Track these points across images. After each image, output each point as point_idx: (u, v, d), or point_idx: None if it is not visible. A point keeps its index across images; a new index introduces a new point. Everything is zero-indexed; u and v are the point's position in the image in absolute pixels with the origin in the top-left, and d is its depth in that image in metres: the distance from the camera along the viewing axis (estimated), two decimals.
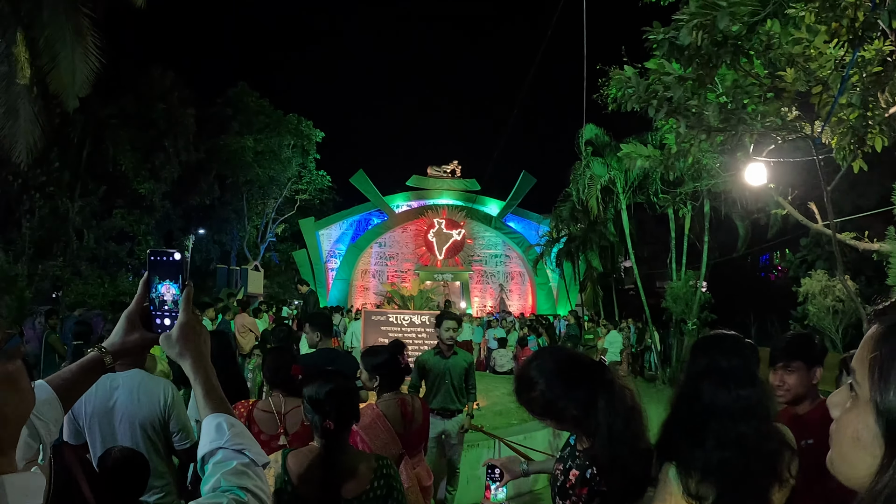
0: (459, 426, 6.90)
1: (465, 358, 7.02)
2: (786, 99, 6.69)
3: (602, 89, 14.46)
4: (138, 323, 1.59)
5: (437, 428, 6.70)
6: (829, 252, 20.89)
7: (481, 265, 35.96)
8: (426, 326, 11.39)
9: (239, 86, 34.85)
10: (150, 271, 1.60)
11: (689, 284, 18.36)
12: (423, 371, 6.82)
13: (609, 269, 27.73)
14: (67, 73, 14.56)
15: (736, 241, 22.88)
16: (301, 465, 2.68)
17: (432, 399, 6.71)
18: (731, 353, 2.41)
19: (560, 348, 2.61)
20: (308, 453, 2.75)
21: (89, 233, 21.14)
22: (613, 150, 19.93)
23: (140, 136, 25.50)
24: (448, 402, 6.76)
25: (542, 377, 2.39)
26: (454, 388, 6.79)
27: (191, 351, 1.52)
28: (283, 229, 38.82)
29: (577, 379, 2.40)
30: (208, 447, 1.39)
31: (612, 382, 2.41)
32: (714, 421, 2.26)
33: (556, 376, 2.39)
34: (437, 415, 6.69)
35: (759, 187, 10.56)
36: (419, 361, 6.91)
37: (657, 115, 7.05)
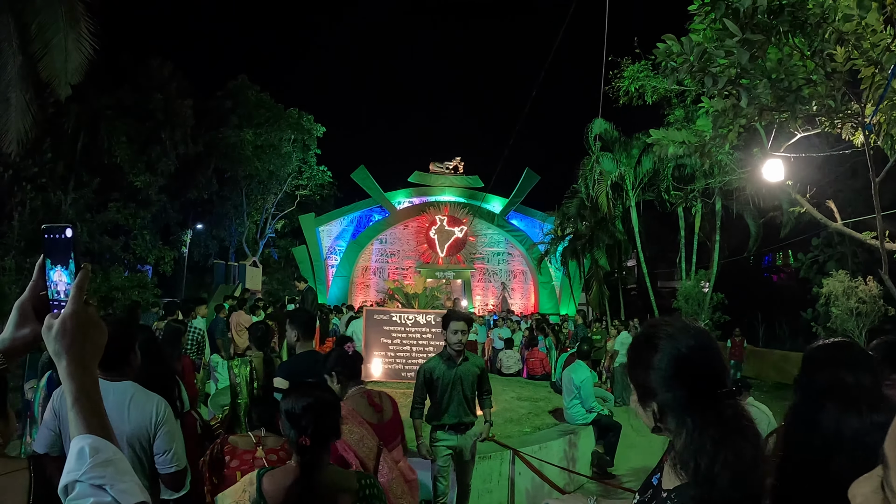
0: (474, 440, 6.22)
1: (477, 363, 6.31)
2: (836, 80, 6.07)
3: (614, 82, 14.12)
4: (31, 315, 1.38)
5: (449, 443, 6.06)
6: (840, 252, 20.52)
7: (483, 263, 35.61)
8: (432, 326, 10.81)
9: (239, 79, 34.46)
10: (44, 253, 1.35)
11: (701, 284, 17.81)
12: (429, 381, 6.08)
13: (616, 268, 27.27)
14: (60, 59, 14.20)
15: (743, 240, 22.45)
16: (277, 486, 2.54)
17: (443, 413, 6.03)
18: (857, 366, 1.83)
19: (667, 320, 1.83)
20: (285, 473, 2.60)
21: (83, 226, 20.63)
22: (623, 146, 19.48)
23: (136, 127, 25.02)
24: (462, 415, 6.03)
25: (664, 348, 1.71)
26: (466, 398, 6.06)
27: (70, 352, 1.28)
28: (283, 225, 38.56)
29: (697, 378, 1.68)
30: (65, 479, 1.18)
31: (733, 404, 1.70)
32: (841, 456, 1.70)
33: (677, 355, 1.69)
34: (450, 430, 6.04)
35: (777, 184, 10.17)
36: (424, 370, 6.11)
37: (713, 88, 6.30)
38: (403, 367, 10.81)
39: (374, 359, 10.91)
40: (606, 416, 9.38)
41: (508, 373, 15.10)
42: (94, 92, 22.52)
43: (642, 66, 13.38)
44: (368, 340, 10.87)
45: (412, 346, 10.84)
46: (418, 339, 10.83)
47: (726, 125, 7.04)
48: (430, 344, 10.72)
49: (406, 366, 10.79)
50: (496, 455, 7.29)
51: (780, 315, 26.11)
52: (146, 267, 27.68)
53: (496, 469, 7.28)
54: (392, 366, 10.86)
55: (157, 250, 26.19)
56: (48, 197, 18.73)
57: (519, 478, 7.46)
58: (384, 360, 10.89)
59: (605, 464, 9.16)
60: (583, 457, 9.00)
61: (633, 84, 13.65)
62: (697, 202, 17.91)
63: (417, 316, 10.92)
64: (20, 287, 14.19)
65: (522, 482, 7.51)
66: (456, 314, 6.21)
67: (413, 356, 10.76)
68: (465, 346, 6.11)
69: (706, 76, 6.19)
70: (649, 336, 1.78)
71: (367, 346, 10.87)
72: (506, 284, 35.58)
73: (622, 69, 13.72)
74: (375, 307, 16.02)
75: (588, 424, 9.17)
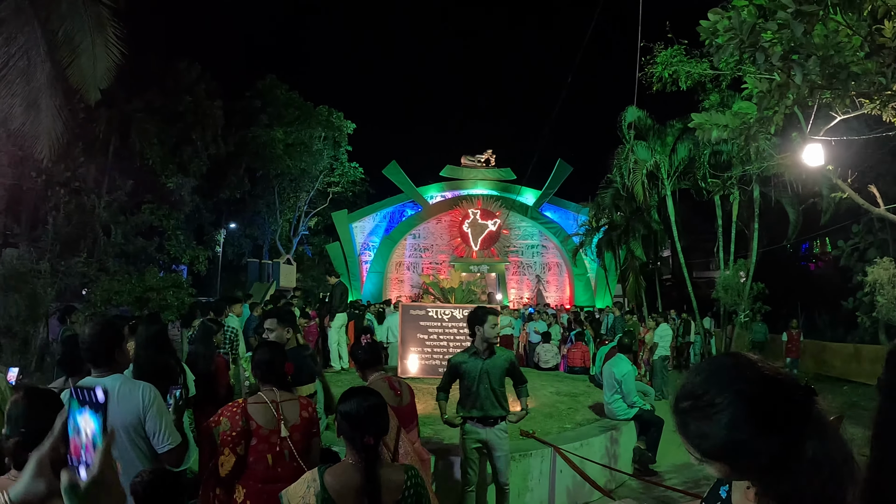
0: (506, 436, 6.09)
1: (506, 356, 6.20)
2: (885, 56, 5.76)
3: (647, 68, 13.82)
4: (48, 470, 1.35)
5: (477, 437, 5.99)
6: (881, 239, 20.07)
7: (517, 256, 35.35)
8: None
9: (268, 78, 34.52)
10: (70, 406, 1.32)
11: (740, 274, 17.40)
12: (456, 374, 6.09)
13: (652, 258, 26.88)
14: (88, 64, 14.32)
15: (780, 228, 21.97)
16: (340, 481, 2.78)
17: (470, 406, 5.97)
18: None
19: (747, 359, 1.61)
20: (344, 469, 2.84)
21: (117, 228, 20.70)
22: (657, 134, 19.09)
23: (167, 129, 25.20)
24: (489, 409, 5.95)
25: (726, 400, 1.52)
26: (494, 391, 5.98)
27: None
28: (316, 222, 38.63)
29: (779, 412, 1.51)
30: None
31: (823, 420, 1.52)
32: None
33: (748, 406, 1.51)
34: (477, 422, 5.98)
35: (817, 169, 9.96)
36: (452, 363, 6.15)
37: (763, 65, 6.00)
38: (440, 362, 10.63)
39: (411, 354, 10.77)
40: (648, 410, 9.14)
41: (546, 367, 14.87)
42: (124, 96, 22.67)
43: (675, 51, 13.07)
44: (405, 336, 10.74)
45: (449, 342, 10.68)
46: (455, 334, 10.66)
47: (771, 107, 6.76)
48: (466, 339, 10.49)
49: (443, 361, 10.55)
50: (537, 453, 7.11)
51: (819, 305, 25.59)
52: (181, 267, 27.81)
53: (536, 467, 7.10)
54: (429, 361, 10.71)
55: (192, 250, 26.32)
56: (82, 201, 18.80)
57: (560, 476, 7.27)
58: (420, 356, 10.75)
59: (646, 460, 8.93)
60: (625, 453, 8.76)
61: (667, 70, 13.33)
62: (735, 190, 17.49)
63: (454, 311, 10.76)
64: (55, 290, 14.31)
65: (563, 480, 7.31)
66: (490, 309, 6.22)
67: (450, 352, 10.58)
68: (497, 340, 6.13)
69: (757, 51, 5.86)
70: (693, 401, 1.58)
71: (404, 342, 10.74)
72: (540, 277, 35.31)
73: (655, 55, 13.40)
74: (411, 302, 15.83)
75: (630, 420, 8.93)
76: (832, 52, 5.75)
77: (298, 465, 3.83)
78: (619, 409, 8.91)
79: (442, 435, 7.60)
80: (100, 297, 15.67)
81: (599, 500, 7.67)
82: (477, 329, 6.02)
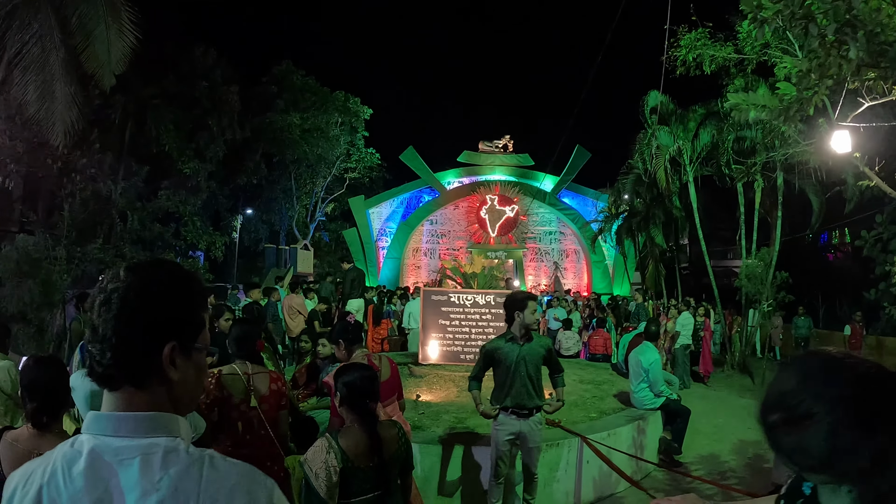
0: (540, 427, 5.88)
1: (543, 343, 5.97)
2: None
3: (671, 51, 13.54)
4: None
5: (511, 429, 5.75)
6: None
7: (535, 242, 35.20)
8: (491, 307, 10.43)
9: (284, 64, 34.37)
10: None
11: (765, 263, 17.05)
12: (491, 361, 5.83)
13: (673, 246, 26.58)
14: (102, 50, 14.22)
15: (801, 217, 21.65)
16: (352, 442, 3.29)
17: (505, 395, 5.72)
18: None
19: (835, 357, 1.42)
20: (352, 432, 3.36)
21: (133, 215, 20.62)
22: (679, 119, 18.76)
23: (183, 115, 25.05)
24: (524, 398, 5.70)
25: (824, 408, 1.33)
26: (531, 379, 5.73)
27: None
28: (333, 208, 38.52)
29: (881, 410, 1.32)
30: None
31: None
32: None
33: (849, 411, 1.32)
34: (512, 413, 5.73)
35: (843, 157, 9.59)
36: (487, 350, 5.87)
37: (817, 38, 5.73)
38: (462, 349, 10.45)
39: (432, 341, 10.55)
40: (675, 400, 8.95)
41: (567, 354, 14.69)
42: (139, 82, 22.53)
43: (700, 34, 12.80)
44: (426, 322, 10.53)
45: (471, 328, 10.47)
46: (477, 320, 10.45)
47: (811, 87, 6.50)
48: (489, 325, 10.35)
49: (465, 348, 10.44)
50: (564, 442, 6.92)
51: (839, 295, 25.27)
52: (198, 253, 27.74)
53: (563, 457, 6.91)
54: (450, 348, 10.50)
55: (208, 236, 26.20)
56: (98, 187, 18.67)
57: (587, 466, 7.08)
58: (442, 343, 10.53)
59: (672, 451, 8.75)
60: (651, 443, 8.57)
61: (692, 53, 13.05)
62: (759, 177, 17.16)
63: (476, 296, 10.53)
64: (71, 276, 14.22)
65: (590, 471, 7.13)
66: (530, 295, 5.96)
67: (472, 338, 10.40)
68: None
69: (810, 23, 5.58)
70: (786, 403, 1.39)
71: (425, 328, 10.53)
72: (558, 264, 35.17)
73: (679, 38, 13.12)
74: (433, 288, 15.62)
75: (656, 409, 8.72)
76: (878, 28, 5.47)
77: (267, 434, 4.23)
78: (646, 398, 8.70)
79: (467, 423, 7.45)
80: None
81: (625, 490, 7.53)
82: (517, 314, 5.75)
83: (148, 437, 1.31)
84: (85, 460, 1.28)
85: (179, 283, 1.43)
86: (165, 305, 1.39)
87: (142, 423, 1.32)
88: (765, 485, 7.85)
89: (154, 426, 1.33)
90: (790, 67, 6.72)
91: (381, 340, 15.50)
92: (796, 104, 7.43)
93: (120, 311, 1.34)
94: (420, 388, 9.21)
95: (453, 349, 10.50)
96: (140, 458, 1.27)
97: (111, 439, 1.30)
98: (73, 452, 1.31)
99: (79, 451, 1.30)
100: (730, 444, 9.86)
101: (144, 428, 1.32)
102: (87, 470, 1.27)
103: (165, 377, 1.37)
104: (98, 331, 1.35)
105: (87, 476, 1.27)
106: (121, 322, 1.34)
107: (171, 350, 1.36)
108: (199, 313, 1.48)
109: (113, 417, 1.33)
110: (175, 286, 1.42)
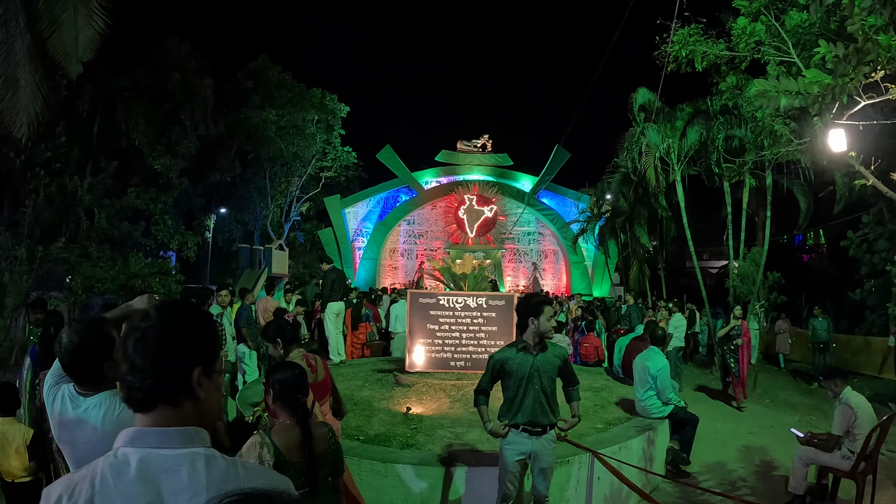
0: (553, 446, 5.26)
1: (558, 353, 5.32)
2: None
3: (662, 47, 13.16)
4: None
5: (522, 448, 5.12)
6: (891, 230, 19.66)
7: (514, 243, 35.11)
8: (483, 310, 9.76)
9: (259, 59, 33.62)
10: None
11: (756, 263, 16.68)
12: (500, 373, 5.19)
13: (657, 246, 26.29)
14: (70, 35, 13.50)
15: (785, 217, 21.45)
16: (284, 438, 3.40)
17: (516, 411, 5.09)
18: None
19: None
20: (286, 428, 3.48)
21: (100, 212, 19.80)
22: (667, 117, 18.36)
23: (155, 108, 24.12)
24: (538, 415, 5.08)
25: None
26: (545, 394, 5.11)
27: None
28: (308, 208, 37.94)
29: None
30: None
31: None
32: None
33: None
34: (523, 431, 5.09)
35: (838, 156, 9.52)
36: (496, 361, 5.22)
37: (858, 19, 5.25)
38: (452, 355, 9.75)
39: (418, 346, 9.82)
40: (682, 408, 8.43)
41: None
42: (110, 73, 21.72)
43: (693, 30, 12.52)
44: (412, 327, 9.80)
45: (462, 333, 9.77)
46: (468, 324, 9.75)
47: (847, 73, 6.06)
48: (480, 330, 9.70)
49: (455, 354, 9.74)
50: (574, 459, 6.30)
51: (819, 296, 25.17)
52: (169, 253, 26.97)
53: (574, 475, 6.31)
54: (439, 355, 9.79)
55: (180, 235, 25.35)
56: (63, 183, 17.92)
57: (597, 483, 6.50)
58: (430, 349, 9.80)
59: (680, 461, 8.27)
60: (659, 454, 8.06)
61: (685, 49, 12.75)
62: (748, 176, 16.81)
63: (467, 299, 9.83)
64: (32, 278, 13.50)
65: (601, 488, 6.56)
66: (547, 299, 5.30)
67: (463, 343, 9.72)
68: None
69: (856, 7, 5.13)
70: None
71: (412, 333, 9.81)
72: (537, 265, 35.14)
73: (672, 33, 12.84)
74: (420, 290, 14.92)
75: (664, 418, 8.17)
76: None
77: None
78: (654, 406, 8.17)
79: (465, 439, 6.83)
80: (81, 285, 14.93)
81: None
82: (531, 321, 5.10)
83: (189, 448, 1.52)
84: (135, 469, 1.48)
85: (200, 319, 1.70)
86: (192, 338, 1.65)
87: (184, 436, 1.54)
88: (775, 494, 7.53)
89: (193, 438, 1.56)
90: (824, 52, 6.24)
91: (360, 346, 14.78)
92: (831, 92, 6.99)
93: (157, 345, 1.57)
94: (409, 400, 8.47)
95: (442, 356, 9.80)
96: (187, 466, 1.49)
97: (157, 451, 1.52)
98: (119, 464, 1.50)
99: (125, 462, 1.50)
100: (734, 450, 9.51)
101: (186, 440, 1.54)
102: (137, 478, 1.47)
103: (194, 396, 1.61)
104: (136, 363, 1.57)
105: (137, 483, 1.47)
106: (158, 353, 1.57)
107: (199, 373, 1.61)
108: (216, 343, 1.74)
109: (158, 432, 1.54)
110: (197, 321, 1.69)
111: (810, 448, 7.12)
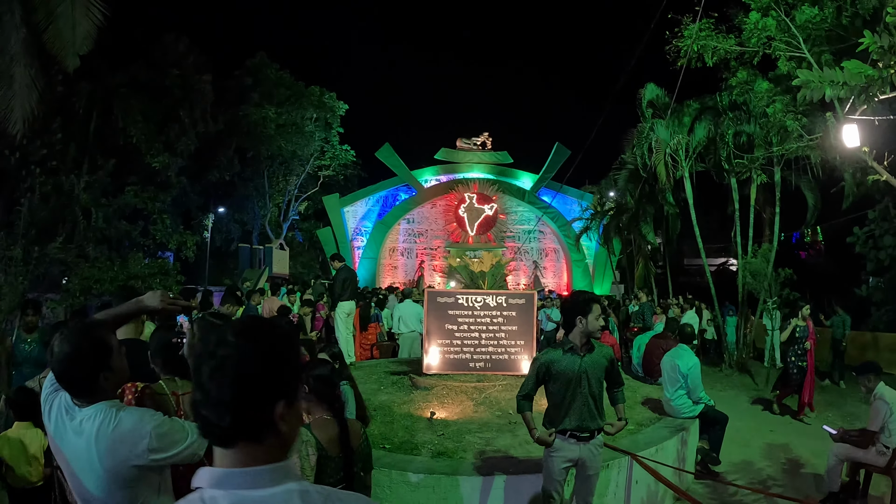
0: (600, 452, 4.96)
1: (605, 353, 5.02)
2: None
3: (674, 41, 13.00)
4: None
5: (569, 454, 4.81)
6: None
7: (514, 241, 34.90)
8: (503, 309, 9.40)
9: (258, 56, 33.41)
10: None
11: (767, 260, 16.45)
12: (546, 376, 4.87)
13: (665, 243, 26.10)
14: (66, 28, 13.10)
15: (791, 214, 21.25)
16: (324, 432, 3.44)
17: (563, 416, 4.78)
18: None
19: None
20: (325, 422, 3.52)
21: (97, 211, 19.41)
22: (674, 113, 18.12)
23: (153, 105, 23.72)
24: (586, 419, 4.78)
25: None
26: (594, 397, 4.81)
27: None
28: (307, 207, 37.85)
29: None
30: None
31: None
32: None
33: None
34: (570, 437, 4.78)
35: (851, 151, 9.63)
36: (541, 363, 4.90)
37: None
38: (472, 356, 9.38)
39: (434, 347, 9.45)
40: (712, 406, 8.15)
41: None
42: (107, 69, 21.30)
43: (704, 25, 12.44)
44: (430, 327, 9.43)
45: (481, 333, 9.40)
46: (488, 324, 9.38)
47: (891, 65, 5.87)
48: (500, 329, 9.34)
49: (475, 355, 9.38)
50: (613, 463, 6.02)
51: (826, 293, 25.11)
52: (167, 253, 26.63)
53: (613, 479, 6.05)
54: (458, 356, 9.40)
55: (179, 235, 24.93)
56: (60, 181, 17.49)
57: (635, 487, 6.23)
58: (449, 350, 9.41)
59: (711, 461, 8.03)
60: (691, 454, 7.85)
61: (696, 43, 12.69)
62: (757, 173, 16.62)
63: (487, 298, 9.47)
64: (28, 280, 13.17)
65: (638, 491, 6.32)
66: (594, 297, 5.07)
67: (482, 344, 9.36)
68: None
69: None
70: None
71: (429, 334, 9.42)
72: (538, 263, 35.06)
73: (681, 28, 12.80)
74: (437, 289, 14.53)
75: (695, 417, 7.91)
76: None
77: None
78: (684, 405, 7.90)
79: (496, 445, 6.51)
80: (78, 286, 14.61)
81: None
82: (579, 320, 4.79)
83: (281, 486, 1.42)
84: None
85: (284, 344, 1.52)
86: (277, 369, 1.48)
87: (275, 474, 1.43)
88: (807, 492, 7.43)
89: (284, 475, 1.44)
90: (868, 42, 6.03)
91: (370, 346, 14.42)
92: (879, 81, 6.78)
93: (236, 377, 1.42)
94: (431, 404, 8.08)
95: (461, 357, 9.43)
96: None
97: (250, 492, 1.40)
98: None
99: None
100: (758, 449, 9.37)
101: (277, 478, 1.42)
102: None
103: (278, 431, 1.46)
104: (212, 395, 1.42)
105: None
106: (237, 387, 1.42)
107: (283, 407, 1.46)
108: (300, 369, 1.65)
109: (246, 473, 1.41)
110: (281, 347, 1.50)
111: (845, 445, 6.98)
